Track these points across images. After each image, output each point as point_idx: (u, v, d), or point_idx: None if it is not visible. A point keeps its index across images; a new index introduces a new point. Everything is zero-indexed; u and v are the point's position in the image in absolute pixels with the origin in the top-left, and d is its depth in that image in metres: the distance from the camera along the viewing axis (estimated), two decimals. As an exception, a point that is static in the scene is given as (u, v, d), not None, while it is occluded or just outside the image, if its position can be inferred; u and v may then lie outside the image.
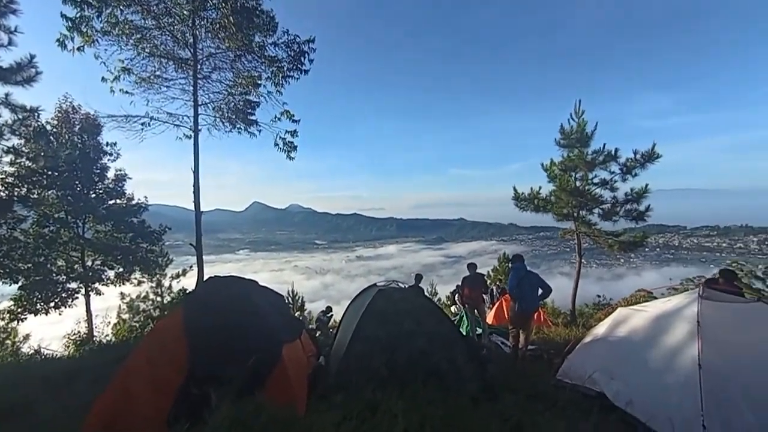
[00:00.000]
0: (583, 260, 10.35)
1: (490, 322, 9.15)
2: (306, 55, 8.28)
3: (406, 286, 6.70)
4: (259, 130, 10.13)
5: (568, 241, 11.13)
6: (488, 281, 12.06)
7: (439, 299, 16.19)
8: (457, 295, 9.47)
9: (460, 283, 8.40)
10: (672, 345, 3.49)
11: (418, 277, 8.05)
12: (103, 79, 8.67)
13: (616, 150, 8.97)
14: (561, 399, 4.01)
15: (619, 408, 3.58)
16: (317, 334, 9.30)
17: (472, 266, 7.82)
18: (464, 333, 7.93)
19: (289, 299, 14.37)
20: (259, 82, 9.33)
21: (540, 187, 10.03)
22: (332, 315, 10.37)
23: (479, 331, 7.71)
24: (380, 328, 4.17)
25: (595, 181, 9.60)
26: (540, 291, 5.83)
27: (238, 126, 9.77)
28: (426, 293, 17.18)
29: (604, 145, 9.22)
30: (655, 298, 8.29)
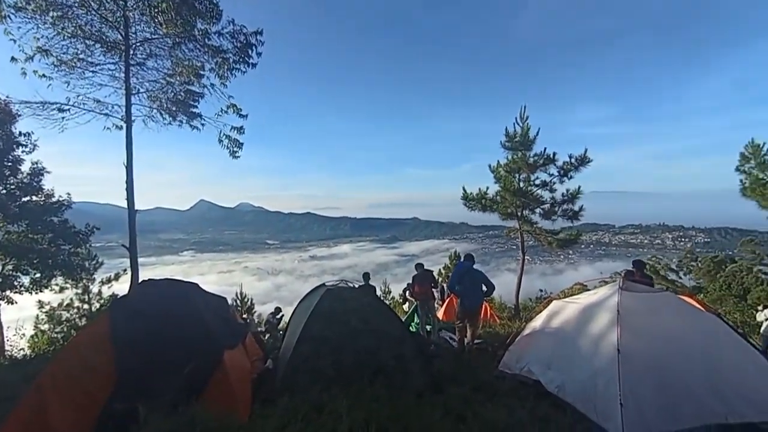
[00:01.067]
0: (527, 257, 11.01)
1: (441, 318, 9.43)
2: (254, 47, 7.93)
3: (357, 285, 6.70)
4: (203, 124, 9.54)
5: (513, 239, 11.77)
6: (439, 278, 12.41)
7: (393, 297, 16.38)
8: (407, 293, 9.65)
9: (410, 281, 8.55)
10: (596, 333, 3.81)
11: (366, 276, 8.08)
12: (13, 59, 7.66)
13: (554, 154, 9.66)
14: (502, 388, 4.24)
15: (551, 393, 3.84)
16: (266, 337, 8.98)
17: (419, 265, 8.05)
18: (414, 329, 8.10)
19: (237, 302, 13.75)
20: (202, 72, 8.77)
21: (487, 188, 10.53)
22: (282, 316, 10.07)
23: (429, 327, 7.91)
24: (328, 327, 4.11)
25: (537, 182, 10.27)
26: (484, 288, 6.11)
27: (179, 118, 9.12)
28: (379, 292, 17.35)
29: (545, 149, 9.89)
30: (588, 290, 9.05)
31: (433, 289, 8.33)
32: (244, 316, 10.53)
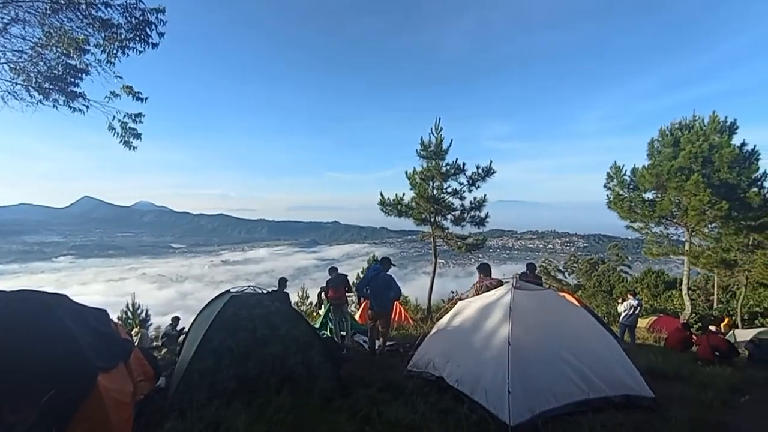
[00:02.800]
0: (441, 260, 11.74)
1: (358, 321, 9.48)
2: (153, 26, 7.06)
3: (269, 291, 6.37)
4: (87, 107, 8.16)
5: (428, 243, 12.44)
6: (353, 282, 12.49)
7: (311, 302, 16.02)
8: (322, 297, 9.49)
9: (324, 285, 8.46)
10: (491, 328, 4.19)
11: (282, 281, 7.78)
12: None
13: (464, 164, 10.52)
14: (408, 387, 4.39)
15: (452, 387, 4.11)
16: (163, 352, 8.04)
17: (333, 269, 8.03)
18: (329, 334, 8.01)
19: (128, 314, 12.07)
20: (86, 47, 7.52)
21: (403, 194, 10.99)
22: (183, 327, 9.11)
23: (345, 333, 7.89)
24: (231, 337, 3.83)
25: (448, 190, 11.04)
26: (391, 292, 6.32)
27: (54, 97, 7.68)
28: (296, 297, 16.79)
29: (456, 159, 10.70)
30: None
31: (348, 294, 8.37)
32: (135, 329, 9.28)
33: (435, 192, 10.67)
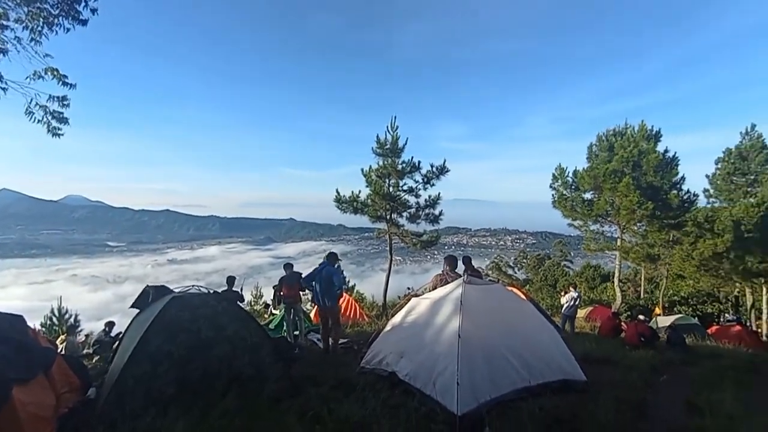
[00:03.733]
0: (398, 257, 11.93)
1: (313, 320, 9.32)
2: (83, 1, 6.39)
3: (215, 291, 6.06)
4: (4, 88, 7.23)
5: (385, 240, 12.51)
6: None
7: (265, 302, 15.53)
8: (277, 295, 9.22)
9: (277, 284, 8.23)
10: (442, 323, 4.30)
11: (230, 280, 7.45)
12: None
13: (419, 162, 10.70)
14: (361, 384, 4.39)
15: (403, 381, 4.17)
16: (94, 360, 7.38)
17: (288, 266, 7.81)
18: (282, 333, 7.81)
19: (53, 319, 10.94)
20: (4, 22, 6.65)
21: (359, 191, 10.96)
22: (120, 333, 8.41)
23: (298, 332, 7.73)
24: (171, 340, 3.59)
25: (404, 188, 11.17)
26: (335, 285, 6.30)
27: (-37, 77, 6.70)
28: (250, 296, 16.17)
29: (412, 157, 10.85)
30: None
31: (303, 292, 8.21)
32: (62, 337, 8.41)
33: (391, 189, 10.77)
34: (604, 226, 19.52)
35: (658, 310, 18.88)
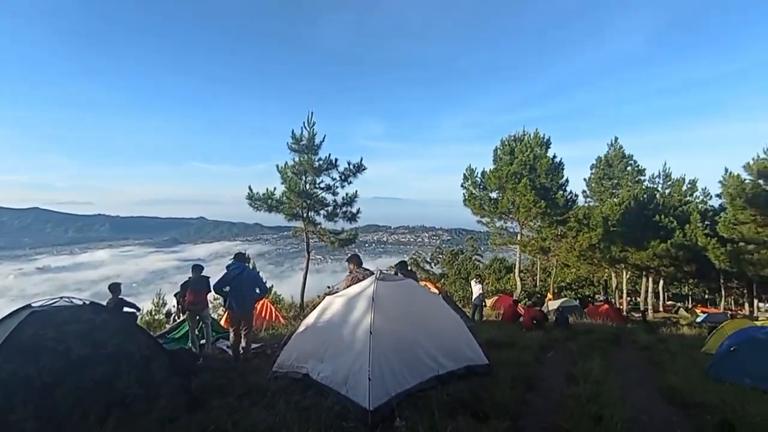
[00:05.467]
0: (319, 256, 11.69)
1: (223, 325, 8.62)
2: None
3: (87, 301, 5.21)
4: None
5: (304, 239, 12.13)
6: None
7: (168, 311, 13.94)
8: (180, 302, 8.30)
9: (179, 290, 7.44)
10: (355, 320, 4.30)
11: (115, 287, 6.52)
12: None
13: (336, 160, 10.61)
14: (272, 389, 4.18)
15: (318, 382, 4.08)
16: None
17: (197, 268, 7.08)
18: (188, 344, 7.08)
19: None
20: None
21: (274, 188, 10.46)
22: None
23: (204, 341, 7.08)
24: (29, 364, 2.97)
25: (321, 185, 10.99)
26: (257, 291, 5.95)
27: None
28: (150, 305, 14.33)
29: (330, 154, 10.71)
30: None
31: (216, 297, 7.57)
32: None
33: (307, 187, 10.50)
34: (508, 222, 21.73)
35: (549, 296, 21.62)
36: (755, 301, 29.19)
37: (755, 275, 21.31)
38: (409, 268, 8.35)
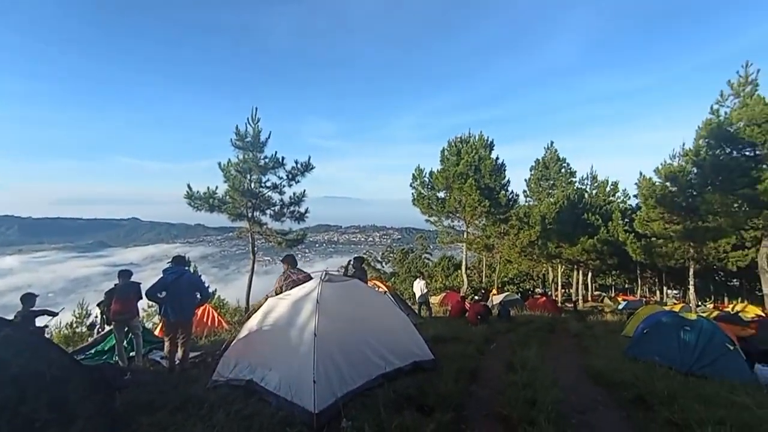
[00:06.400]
0: (267, 257, 11.18)
1: (158, 335, 7.96)
2: None
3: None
4: None
5: (255, 240, 11.56)
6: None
7: (93, 322, 12.58)
8: (105, 312, 7.49)
9: (104, 298, 6.75)
10: (300, 323, 4.19)
11: (27, 299, 5.75)
12: None
13: (283, 158, 10.27)
14: (211, 400, 3.94)
15: (261, 388, 3.91)
16: None
17: (124, 273, 6.44)
18: (114, 358, 6.43)
19: None
20: None
21: (216, 187, 9.87)
22: None
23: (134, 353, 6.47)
24: None
25: (268, 184, 10.57)
26: (198, 296, 5.59)
27: None
28: (70, 316, 12.82)
29: (276, 152, 10.32)
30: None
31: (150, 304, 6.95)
32: None
33: (252, 186, 10.04)
34: (454, 221, 22.55)
35: (494, 291, 22.80)
36: (665, 288, 33.19)
37: (664, 266, 24.25)
38: (362, 265, 8.36)
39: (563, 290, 32.03)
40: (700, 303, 23.39)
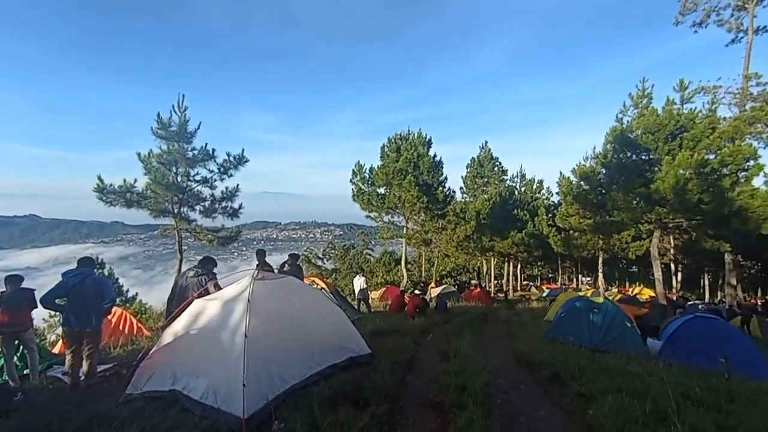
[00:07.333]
0: (199, 256, 10.24)
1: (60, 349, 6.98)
2: None
3: None
4: None
5: (183, 238, 10.59)
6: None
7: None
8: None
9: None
10: (231, 324, 3.93)
11: None
12: None
13: (214, 150, 9.56)
14: (123, 416, 3.54)
15: (184, 397, 3.61)
16: None
17: (12, 279, 5.52)
18: (3, 377, 5.50)
19: None
20: None
21: (135, 180, 8.89)
22: None
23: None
24: None
25: (197, 178, 9.78)
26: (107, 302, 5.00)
27: None
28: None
29: (206, 144, 9.57)
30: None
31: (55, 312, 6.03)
32: None
33: (179, 179, 9.21)
34: (394, 216, 22.94)
35: (432, 284, 23.65)
36: (580, 276, 37.14)
37: (579, 256, 27.15)
38: (298, 262, 8.10)
39: (496, 281, 34.33)
40: (607, 288, 26.57)
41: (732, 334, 6.73)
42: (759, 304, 23.07)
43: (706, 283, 32.95)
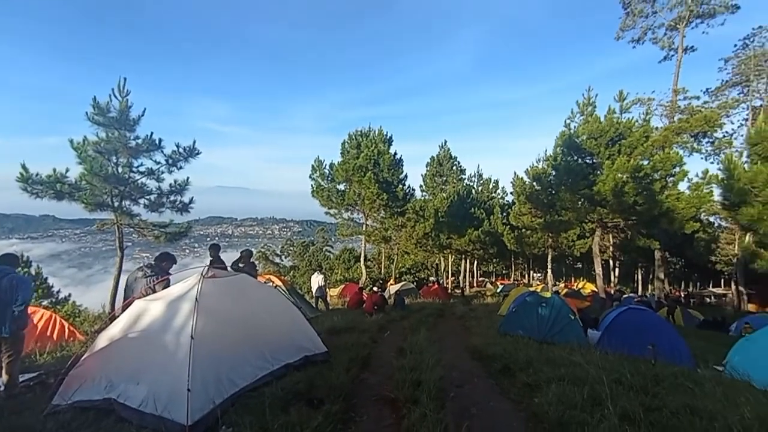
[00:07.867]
0: (145, 253, 9.70)
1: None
2: None
3: None
4: None
5: (125, 234, 9.75)
6: None
7: None
8: None
9: None
10: (177, 325, 3.69)
11: None
12: None
13: (161, 140, 8.91)
14: (48, 429, 3.21)
15: (120, 406, 3.33)
16: None
17: None
18: None
19: None
20: None
21: (67, 169, 8.06)
22: None
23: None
24: None
25: (141, 169, 9.09)
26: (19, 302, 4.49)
27: None
28: None
29: (152, 133, 8.89)
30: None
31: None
32: None
33: (120, 170, 8.47)
34: (354, 213, 22.84)
35: (391, 281, 23.83)
36: (531, 272, 39.24)
37: (531, 253, 28.70)
38: (252, 260, 7.77)
39: (453, 278, 35.34)
40: (555, 283, 28.32)
41: (659, 324, 7.42)
42: (682, 296, 25.84)
43: (640, 277, 36.29)
